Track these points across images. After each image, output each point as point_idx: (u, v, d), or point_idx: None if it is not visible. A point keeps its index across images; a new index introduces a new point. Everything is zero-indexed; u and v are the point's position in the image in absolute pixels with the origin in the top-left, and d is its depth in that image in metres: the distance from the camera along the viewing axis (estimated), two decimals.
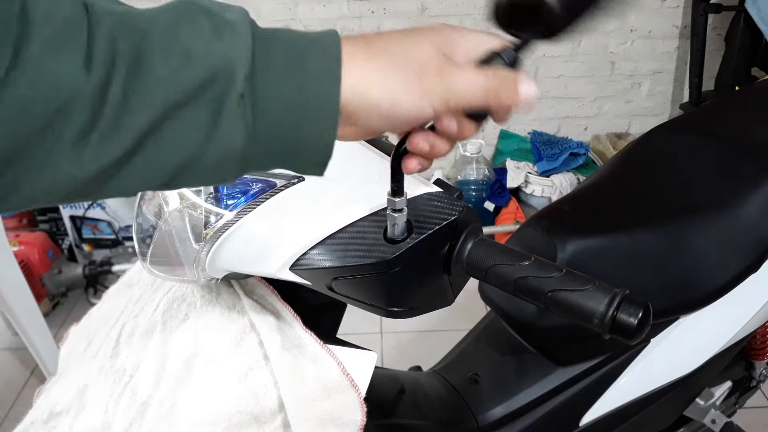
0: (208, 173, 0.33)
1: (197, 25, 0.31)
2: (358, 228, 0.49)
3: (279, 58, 0.32)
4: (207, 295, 0.60)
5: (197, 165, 0.32)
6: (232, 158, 0.32)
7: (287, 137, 0.33)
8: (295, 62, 0.32)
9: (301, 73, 0.32)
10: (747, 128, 0.93)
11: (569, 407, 0.81)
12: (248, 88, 0.31)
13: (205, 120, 0.31)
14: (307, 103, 0.32)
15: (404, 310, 0.50)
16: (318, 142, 0.34)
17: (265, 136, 0.32)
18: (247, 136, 0.32)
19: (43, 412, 0.58)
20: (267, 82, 0.31)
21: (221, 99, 0.30)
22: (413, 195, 0.49)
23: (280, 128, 0.32)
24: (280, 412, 0.54)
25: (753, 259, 0.80)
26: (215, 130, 0.31)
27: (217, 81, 0.30)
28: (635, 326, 0.41)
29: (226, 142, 0.31)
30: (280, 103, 0.32)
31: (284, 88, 0.32)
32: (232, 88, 0.30)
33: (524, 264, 0.45)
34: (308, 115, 0.33)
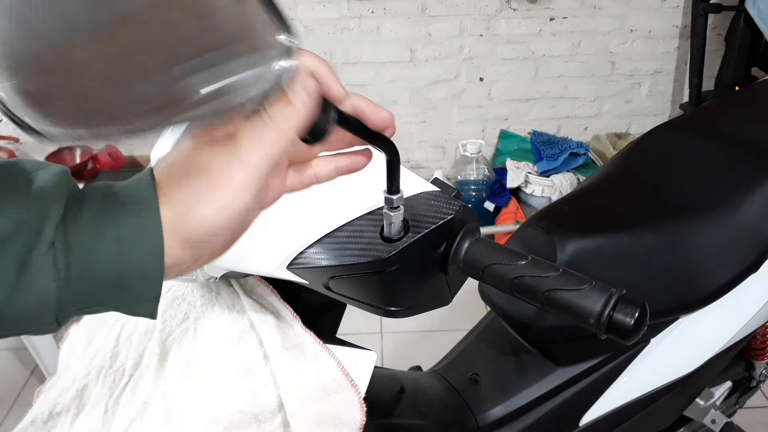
0: (18, 323, 0.31)
1: (9, 183, 0.31)
2: (354, 227, 0.49)
3: (95, 203, 0.32)
4: (207, 294, 0.60)
5: (4, 317, 0.30)
6: (46, 307, 0.31)
7: (108, 279, 0.32)
8: (111, 204, 0.32)
9: (118, 214, 0.31)
10: (747, 128, 0.93)
11: (569, 407, 0.81)
12: (61, 236, 0.30)
13: (11, 271, 0.30)
14: (127, 239, 0.31)
15: (401, 310, 0.50)
16: (144, 280, 0.33)
17: (83, 283, 0.31)
18: (61, 285, 0.31)
19: (42, 411, 0.58)
20: (81, 227, 0.31)
21: (28, 248, 0.30)
22: (410, 194, 0.49)
23: (99, 274, 0.31)
24: (280, 411, 0.54)
25: (753, 259, 0.80)
26: (21, 281, 0.30)
27: (24, 230, 0.30)
28: (631, 326, 0.41)
29: (36, 291, 0.30)
30: (98, 247, 0.31)
31: (102, 232, 0.31)
32: (40, 235, 0.30)
33: (521, 263, 0.45)
34: (129, 254, 0.32)
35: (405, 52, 2.23)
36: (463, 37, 2.22)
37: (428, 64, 2.26)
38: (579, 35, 2.25)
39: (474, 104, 2.37)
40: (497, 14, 2.19)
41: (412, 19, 2.17)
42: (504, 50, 2.26)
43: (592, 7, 2.20)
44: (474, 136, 2.39)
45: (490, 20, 2.20)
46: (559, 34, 2.24)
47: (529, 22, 2.21)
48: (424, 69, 2.27)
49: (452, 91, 2.33)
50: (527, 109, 2.40)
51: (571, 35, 2.25)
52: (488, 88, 2.34)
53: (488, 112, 2.39)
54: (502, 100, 2.37)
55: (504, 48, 2.26)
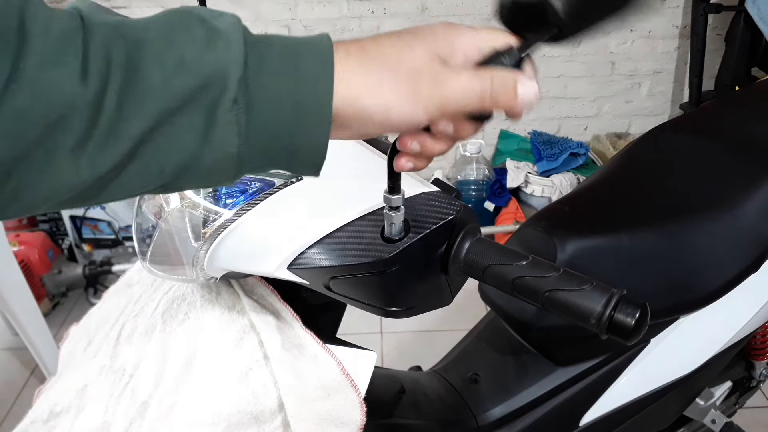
0: (205, 176, 0.34)
1: (190, 33, 0.31)
2: (355, 227, 0.49)
3: (272, 63, 0.32)
4: (207, 294, 0.60)
5: (193, 169, 0.32)
6: (227, 161, 0.33)
7: (281, 141, 0.33)
8: (287, 66, 0.33)
9: (294, 77, 0.33)
10: (747, 128, 0.93)
11: (569, 407, 0.81)
12: (241, 92, 0.31)
13: (200, 125, 0.31)
14: (300, 107, 0.33)
15: (402, 310, 0.50)
16: (311, 145, 0.34)
17: (259, 139, 0.33)
18: (241, 139, 0.32)
19: (43, 411, 0.58)
20: (260, 86, 0.32)
21: (214, 104, 0.31)
22: (411, 194, 0.49)
23: (273, 132, 0.33)
24: (280, 411, 0.54)
25: (753, 259, 0.80)
26: (209, 135, 0.31)
27: (210, 87, 0.31)
28: (632, 326, 0.41)
29: (221, 145, 0.32)
30: (273, 107, 0.32)
31: (277, 93, 0.32)
32: (224, 93, 0.31)
33: (521, 264, 0.45)
34: (301, 119, 0.33)
35: None
36: None
37: None
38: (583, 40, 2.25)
39: None
40: None
41: (412, 19, 2.17)
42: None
43: None
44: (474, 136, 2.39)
45: (490, 20, 2.19)
46: None
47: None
48: None
49: None
50: None
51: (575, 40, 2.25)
52: None
53: None
54: None
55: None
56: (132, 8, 2.10)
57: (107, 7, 0.32)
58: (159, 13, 0.32)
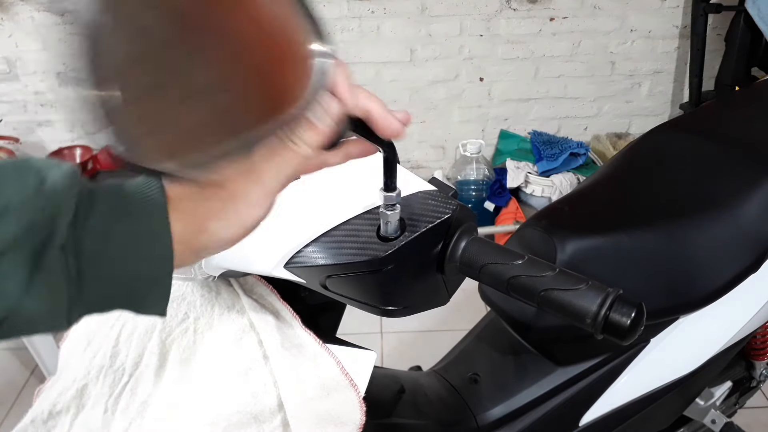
0: (31, 325, 0.32)
1: (20, 181, 0.31)
2: (352, 226, 0.49)
3: (105, 205, 0.32)
4: (207, 294, 0.60)
5: (16, 318, 0.31)
6: (57, 308, 0.31)
7: (117, 282, 0.32)
8: (121, 211, 0.32)
9: (128, 218, 0.32)
10: (747, 128, 0.93)
11: (569, 407, 0.81)
12: (71, 237, 0.30)
13: (22, 273, 0.30)
14: (135, 245, 0.32)
15: (398, 309, 0.50)
16: (151, 280, 0.33)
17: (93, 283, 0.32)
18: (72, 285, 0.31)
19: (42, 411, 0.58)
20: (91, 231, 0.31)
21: (40, 250, 0.30)
22: (407, 193, 0.49)
23: (109, 276, 0.32)
24: (280, 411, 0.54)
25: (753, 259, 0.80)
26: (33, 283, 0.30)
27: (36, 233, 0.30)
28: (627, 326, 0.40)
29: (48, 292, 0.30)
30: (108, 251, 0.31)
31: (111, 236, 0.31)
32: (52, 238, 0.30)
33: (517, 263, 0.45)
34: (138, 257, 0.32)
35: (405, 52, 2.23)
36: (463, 37, 2.22)
37: (428, 64, 2.26)
38: (579, 35, 2.25)
39: (474, 104, 2.37)
40: (497, 14, 2.19)
41: (412, 19, 2.17)
42: (504, 50, 2.26)
43: (592, 7, 2.20)
44: (474, 136, 2.39)
45: (490, 20, 2.20)
46: (559, 34, 2.24)
47: (529, 22, 2.21)
48: (424, 69, 2.27)
49: (452, 91, 2.33)
50: (527, 109, 2.40)
51: (571, 35, 2.25)
52: (488, 88, 2.34)
53: (488, 112, 2.39)
54: (502, 100, 2.37)
55: (504, 48, 2.26)
56: None
57: None
58: None
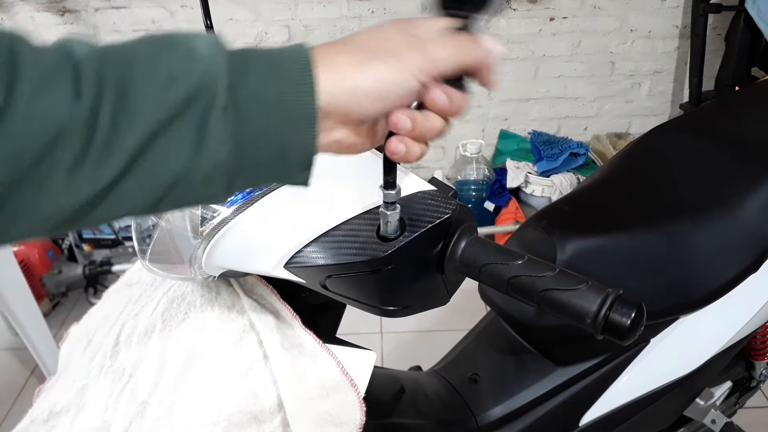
0: (199, 189, 0.34)
1: (175, 51, 0.33)
2: (351, 226, 0.49)
3: (256, 69, 0.34)
4: (207, 294, 0.60)
5: (188, 180, 0.33)
6: (220, 171, 0.34)
7: (271, 142, 0.34)
8: (270, 70, 0.34)
9: (278, 79, 0.34)
10: (746, 128, 0.93)
11: (569, 407, 0.81)
12: (230, 99, 0.32)
13: (192, 134, 0.32)
14: (286, 106, 0.34)
15: (398, 309, 0.50)
16: (300, 145, 0.35)
17: (250, 143, 0.34)
18: (233, 146, 0.33)
19: (42, 411, 0.58)
20: (247, 91, 0.33)
21: (205, 112, 0.32)
22: (407, 193, 0.49)
23: (263, 134, 0.34)
24: (280, 411, 0.54)
25: (753, 259, 0.80)
26: (203, 143, 0.32)
27: (200, 96, 0.32)
28: (628, 326, 0.40)
29: (214, 153, 0.33)
30: (261, 109, 0.33)
31: (263, 95, 0.33)
32: (214, 101, 0.32)
33: (517, 263, 0.45)
34: (288, 119, 0.34)
35: None
36: None
37: None
38: (579, 35, 2.25)
39: (474, 104, 2.37)
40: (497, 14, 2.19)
41: None
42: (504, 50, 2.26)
43: (592, 7, 2.20)
44: (474, 136, 2.39)
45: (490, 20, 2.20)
46: (559, 34, 2.24)
47: (529, 22, 2.21)
48: None
49: None
50: (527, 109, 2.40)
51: (571, 35, 2.25)
52: None
53: (488, 112, 2.39)
54: (502, 100, 2.37)
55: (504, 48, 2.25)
56: (132, 8, 2.10)
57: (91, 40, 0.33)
58: (141, 37, 0.34)
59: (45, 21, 2.10)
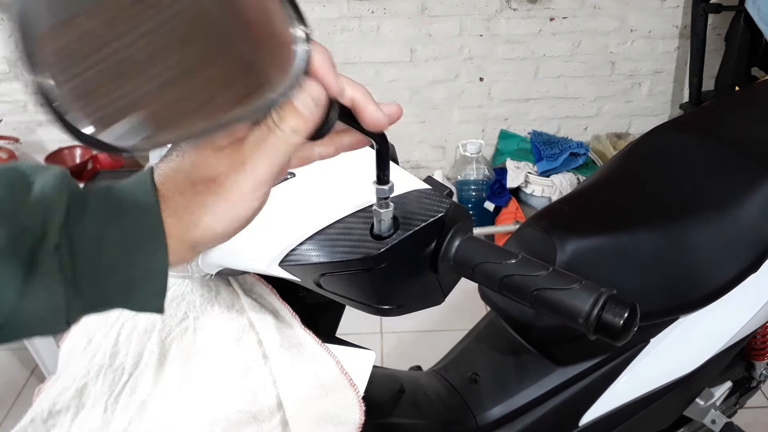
0: (30, 328, 0.32)
1: (8, 187, 0.31)
2: (345, 224, 0.49)
3: (96, 206, 0.32)
4: (206, 293, 0.60)
5: (15, 322, 0.31)
6: (55, 309, 0.31)
7: (114, 277, 0.32)
8: (114, 206, 0.32)
9: (121, 216, 0.32)
10: (746, 128, 0.93)
11: (569, 407, 0.81)
12: (65, 238, 0.31)
13: (18, 276, 0.30)
14: (130, 240, 0.32)
15: (392, 308, 0.49)
16: (148, 274, 0.33)
17: (90, 283, 0.32)
18: (69, 287, 0.31)
19: (42, 410, 0.58)
20: (84, 230, 0.31)
21: (34, 252, 0.30)
22: (402, 191, 0.49)
23: (105, 274, 0.32)
24: (279, 410, 0.54)
25: (753, 259, 0.80)
26: (30, 285, 0.30)
27: (28, 235, 0.30)
28: (620, 327, 0.40)
29: (45, 295, 0.31)
30: (102, 249, 0.31)
31: (104, 235, 0.31)
32: (45, 239, 0.30)
33: (510, 262, 0.44)
34: (134, 252, 0.32)
35: (405, 52, 2.23)
36: (463, 37, 2.22)
37: (428, 64, 2.26)
38: (579, 35, 2.25)
39: (474, 104, 2.37)
40: (497, 14, 2.19)
41: (412, 19, 2.17)
42: (504, 50, 2.26)
43: (592, 7, 2.20)
44: (474, 136, 2.39)
45: (490, 20, 2.20)
46: (559, 34, 2.24)
47: (529, 22, 2.21)
48: (424, 69, 2.27)
49: (452, 91, 2.33)
50: (527, 109, 2.40)
51: (571, 35, 2.25)
52: (488, 88, 2.34)
53: (488, 112, 2.39)
54: (502, 100, 2.37)
55: (504, 48, 2.26)
56: None
57: None
58: None
59: None
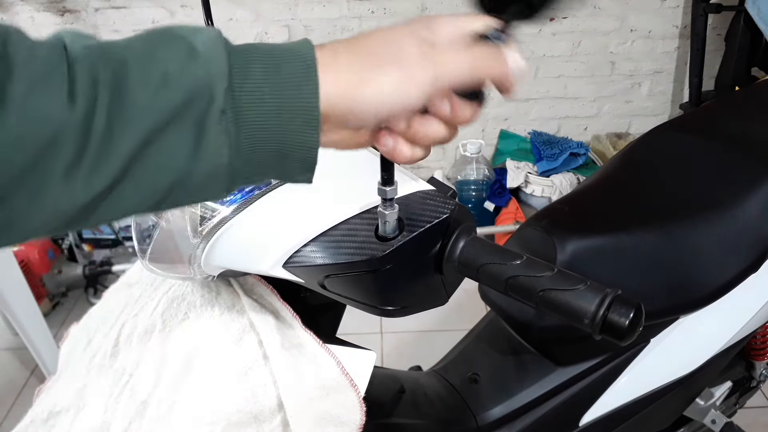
0: (198, 190, 0.34)
1: (172, 49, 0.32)
2: (350, 225, 0.49)
3: (256, 70, 0.33)
4: (207, 294, 0.60)
5: (186, 183, 0.33)
6: (220, 173, 0.33)
7: (271, 146, 0.34)
8: (271, 71, 0.33)
9: (278, 81, 0.33)
10: (747, 128, 0.93)
11: (569, 407, 0.81)
12: (229, 102, 0.32)
13: (189, 138, 0.31)
14: (287, 109, 0.33)
15: (396, 309, 0.50)
16: (301, 149, 0.34)
17: (250, 146, 0.33)
18: (232, 149, 0.32)
19: (42, 411, 0.58)
20: (246, 94, 0.32)
21: (203, 116, 0.31)
22: (406, 193, 0.49)
23: (263, 138, 0.33)
24: (279, 411, 0.54)
25: (753, 259, 0.80)
26: (200, 147, 0.32)
27: (197, 99, 0.31)
28: (626, 327, 0.40)
29: (212, 157, 0.32)
30: (261, 113, 0.33)
31: (263, 98, 0.33)
32: (212, 104, 0.31)
33: (515, 263, 0.45)
34: (289, 122, 0.33)
35: None
36: None
37: None
38: (579, 35, 2.25)
39: None
40: None
41: None
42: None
43: (592, 7, 2.20)
44: (474, 136, 2.39)
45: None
46: (559, 34, 2.24)
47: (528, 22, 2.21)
48: None
49: None
50: (527, 109, 2.40)
51: (571, 35, 2.25)
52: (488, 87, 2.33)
53: (488, 112, 2.39)
54: (502, 100, 2.37)
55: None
56: (132, 8, 2.10)
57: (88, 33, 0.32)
58: (139, 33, 0.33)
59: (45, 21, 2.10)
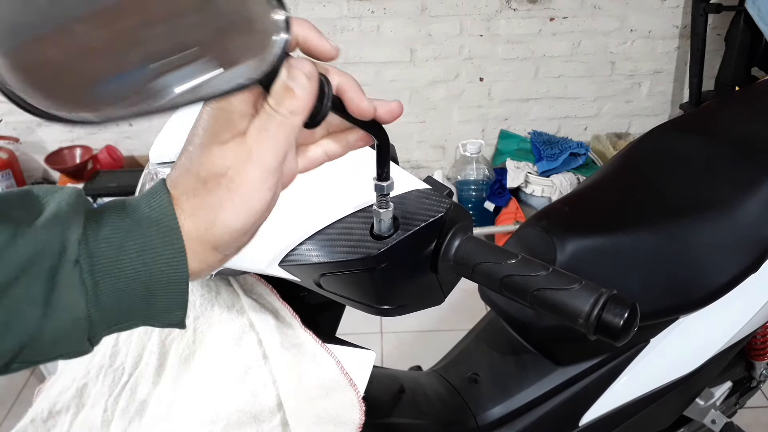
0: (52, 347, 0.31)
1: (26, 208, 0.31)
2: (345, 224, 0.49)
3: (113, 219, 0.32)
4: (206, 294, 0.60)
5: (38, 342, 0.31)
6: (76, 327, 0.31)
7: (134, 291, 0.32)
8: (129, 217, 0.32)
9: (137, 226, 0.32)
10: (747, 128, 0.93)
11: (569, 407, 0.81)
12: (83, 252, 0.31)
13: (40, 293, 0.30)
14: (150, 249, 0.32)
15: (392, 308, 0.49)
16: (168, 285, 0.33)
17: (111, 297, 0.32)
18: (90, 301, 0.31)
19: (42, 410, 0.58)
20: (102, 242, 0.31)
21: (54, 269, 0.30)
22: (402, 191, 0.49)
23: (126, 286, 0.32)
24: (279, 410, 0.54)
25: (753, 259, 0.80)
26: (51, 303, 0.30)
27: (47, 252, 0.30)
28: (620, 327, 0.40)
29: (66, 312, 0.30)
30: (120, 261, 0.31)
31: (122, 246, 0.32)
32: (64, 255, 0.30)
33: (510, 262, 0.44)
34: (155, 265, 0.32)
35: (405, 52, 2.23)
36: (463, 37, 2.22)
37: (428, 64, 2.26)
38: (579, 35, 2.25)
39: (474, 104, 2.37)
40: (497, 14, 2.19)
41: (412, 19, 2.17)
42: (504, 50, 2.26)
43: (592, 7, 2.20)
44: (474, 136, 2.39)
45: (490, 20, 2.20)
46: (559, 34, 2.24)
47: (529, 22, 2.21)
48: (424, 69, 2.27)
49: (452, 91, 2.33)
50: (527, 109, 2.40)
51: (571, 35, 2.25)
52: (488, 88, 2.34)
53: (488, 112, 2.39)
54: (502, 100, 2.37)
55: (504, 48, 2.26)
56: None
57: None
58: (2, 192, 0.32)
59: None
